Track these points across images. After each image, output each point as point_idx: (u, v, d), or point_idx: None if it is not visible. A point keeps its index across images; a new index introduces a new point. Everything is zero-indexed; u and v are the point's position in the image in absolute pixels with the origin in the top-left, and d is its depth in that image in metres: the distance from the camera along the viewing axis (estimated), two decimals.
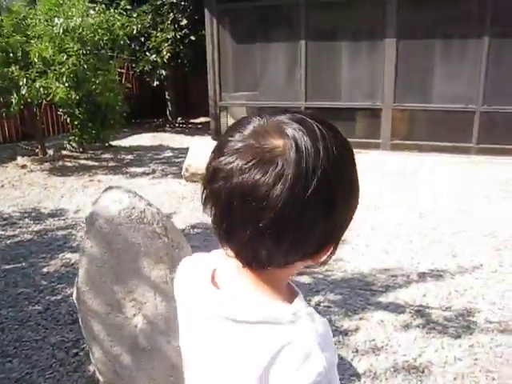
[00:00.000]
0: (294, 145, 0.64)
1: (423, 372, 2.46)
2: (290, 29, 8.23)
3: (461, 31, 7.61)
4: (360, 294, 3.22)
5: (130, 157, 8.03)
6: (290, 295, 0.76)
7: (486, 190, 5.76)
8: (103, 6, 7.73)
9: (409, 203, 5.25)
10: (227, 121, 9.02)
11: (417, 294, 3.26)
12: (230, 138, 0.68)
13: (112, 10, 7.53)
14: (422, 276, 3.53)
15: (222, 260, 0.77)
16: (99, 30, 6.94)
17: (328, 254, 0.73)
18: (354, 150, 0.74)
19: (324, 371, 0.67)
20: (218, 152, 0.69)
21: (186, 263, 0.88)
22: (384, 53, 7.70)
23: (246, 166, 0.64)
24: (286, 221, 0.65)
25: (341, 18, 7.93)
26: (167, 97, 11.70)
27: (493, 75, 7.43)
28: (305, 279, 3.43)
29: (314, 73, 8.05)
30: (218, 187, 0.67)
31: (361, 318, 2.94)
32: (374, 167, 6.85)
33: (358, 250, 3.98)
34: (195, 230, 4.51)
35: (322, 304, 3.09)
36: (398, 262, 3.76)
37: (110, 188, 2.08)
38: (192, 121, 12.03)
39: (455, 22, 7.63)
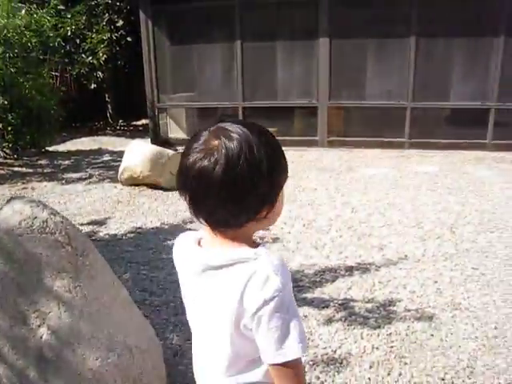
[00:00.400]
0: (223, 143, 0.97)
1: (341, 363, 2.55)
2: (225, 29, 8.27)
3: (390, 31, 7.88)
4: None
5: (67, 162, 7.81)
6: (254, 247, 1.06)
7: (416, 182, 6.01)
8: (34, 5, 7.50)
9: (342, 199, 5.40)
10: (167, 122, 8.96)
11: (342, 287, 3.35)
12: (191, 146, 1.02)
13: (42, 11, 7.30)
14: (349, 270, 3.63)
15: (204, 231, 1.10)
16: (27, 32, 6.72)
17: (267, 214, 1.05)
18: (292, 148, 1.33)
19: (279, 288, 0.97)
20: (184, 156, 1.03)
21: (180, 238, 1.19)
22: (318, 52, 7.87)
23: (198, 159, 0.98)
24: (225, 193, 0.97)
25: (275, 18, 8.04)
26: (107, 99, 11.46)
27: (421, 73, 7.76)
28: None
29: (250, 73, 8.12)
30: (184, 178, 1.02)
31: None
32: (311, 164, 6.99)
33: (288, 247, 4.05)
34: (128, 234, 4.45)
35: None
36: (326, 257, 3.86)
37: (13, 199, 2.04)
38: (134, 123, 11.86)
39: (385, 22, 7.89)
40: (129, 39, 9.96)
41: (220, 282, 1.04)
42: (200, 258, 1.08)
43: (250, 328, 1.02)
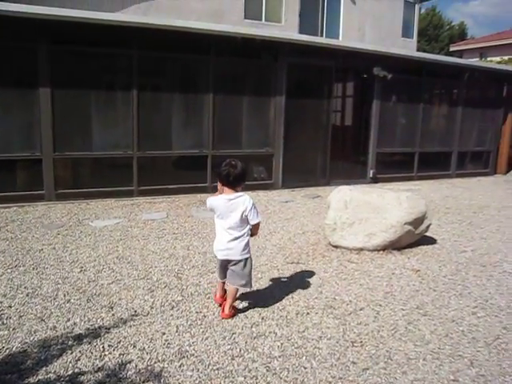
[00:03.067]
0: (235, 163, 3.75)
1: None
2: None
3: (113, 83, 8.13)
4: (5, 381, 2.95)
5: None
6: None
7: (145, 231, 6.23)
8: None
9: (71, 257, 5.20)
10: None
11: (70, 360, 3.16)
12: (223, 165, 3.75)
13: None
14: (78, 338, 3.46)
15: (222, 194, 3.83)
16: None
17: (243, 185, 3.83)
18: (16, 204, 5.11)
19: (252, 202, 3.78)
20: (221, 167, 3.75)
21: (212, 198, 3.82)
22: (39, 103, 7.50)
23: (227, 168, 3.72)
24: (237, 178, 3.73)
25: None
26: None
27: (144, 124, 8.19)
28: None
29: None
30: (222, 174, 3.72)
31: None
32: (37, 222, 6.54)
33: (9, 324, 3.62)
34: None
35: None
36: (53, 328, 3.61)
37: None
38: None
39: (108, 74, 8.10)
40: None
41: (235, 203, 3.70)
42: (227, 197, 3.70)
43: (246, 215, 3.71)
